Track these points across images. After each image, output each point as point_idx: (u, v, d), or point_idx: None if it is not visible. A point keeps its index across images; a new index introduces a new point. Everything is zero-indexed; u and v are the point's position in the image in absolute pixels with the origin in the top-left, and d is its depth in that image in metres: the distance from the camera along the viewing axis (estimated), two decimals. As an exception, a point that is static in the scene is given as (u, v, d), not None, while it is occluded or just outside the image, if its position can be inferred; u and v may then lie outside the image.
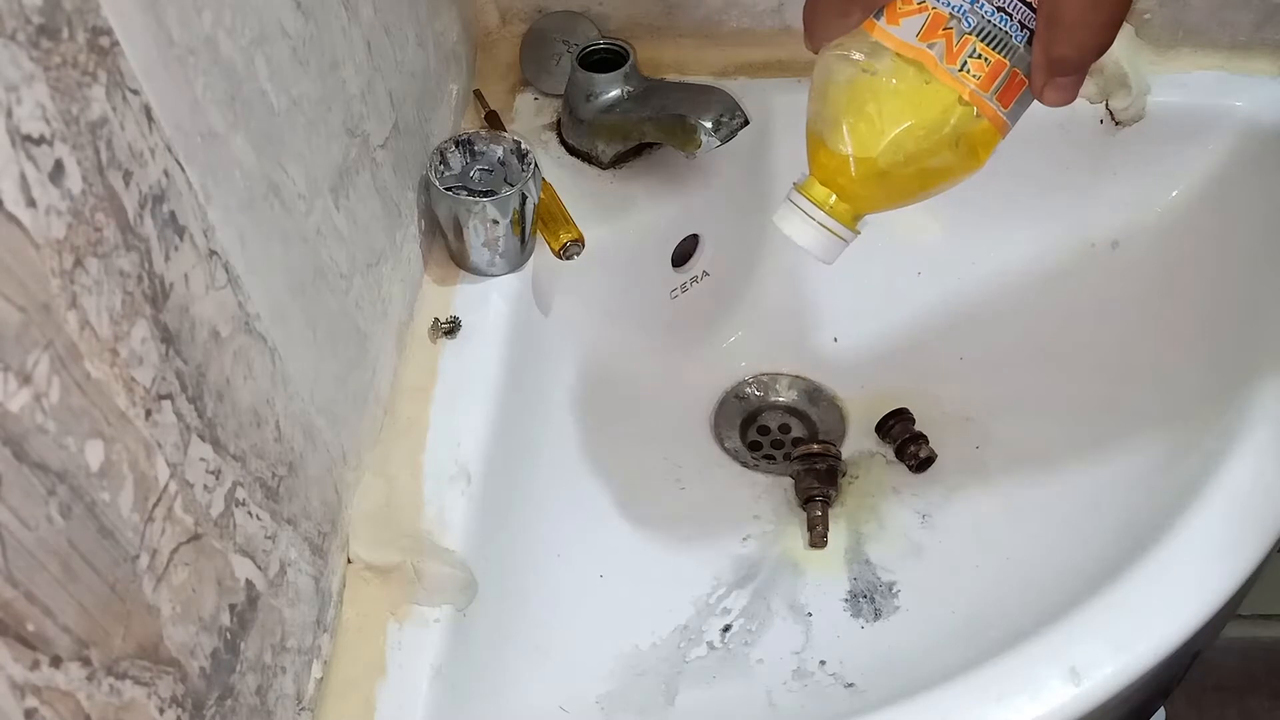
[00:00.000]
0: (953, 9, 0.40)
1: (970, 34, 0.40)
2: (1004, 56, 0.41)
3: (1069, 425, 0.68)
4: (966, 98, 0.41)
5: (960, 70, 0.41)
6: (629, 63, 0.68)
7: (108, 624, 0.31)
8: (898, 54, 0.41)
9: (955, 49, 0.41)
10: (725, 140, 0.62)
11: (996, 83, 0.41)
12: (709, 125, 0.61)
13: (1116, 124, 0.71)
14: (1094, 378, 0.70)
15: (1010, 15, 0.40)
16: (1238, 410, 0.55)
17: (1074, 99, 0.41)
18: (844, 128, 0.43)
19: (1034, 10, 0.40)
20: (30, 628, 0.27)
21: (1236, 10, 0.71)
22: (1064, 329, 0.72)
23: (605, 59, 0.69)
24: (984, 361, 0.73)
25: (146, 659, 0.33)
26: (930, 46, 0.41)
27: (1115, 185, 0.72)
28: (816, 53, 0.45)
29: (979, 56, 0.41)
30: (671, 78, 0.73)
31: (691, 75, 0.73)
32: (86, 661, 0.30)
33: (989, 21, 0.40)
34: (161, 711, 0.34)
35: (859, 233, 0.46)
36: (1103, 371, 0.70)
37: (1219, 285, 0.67)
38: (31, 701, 0.27)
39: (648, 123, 0.65)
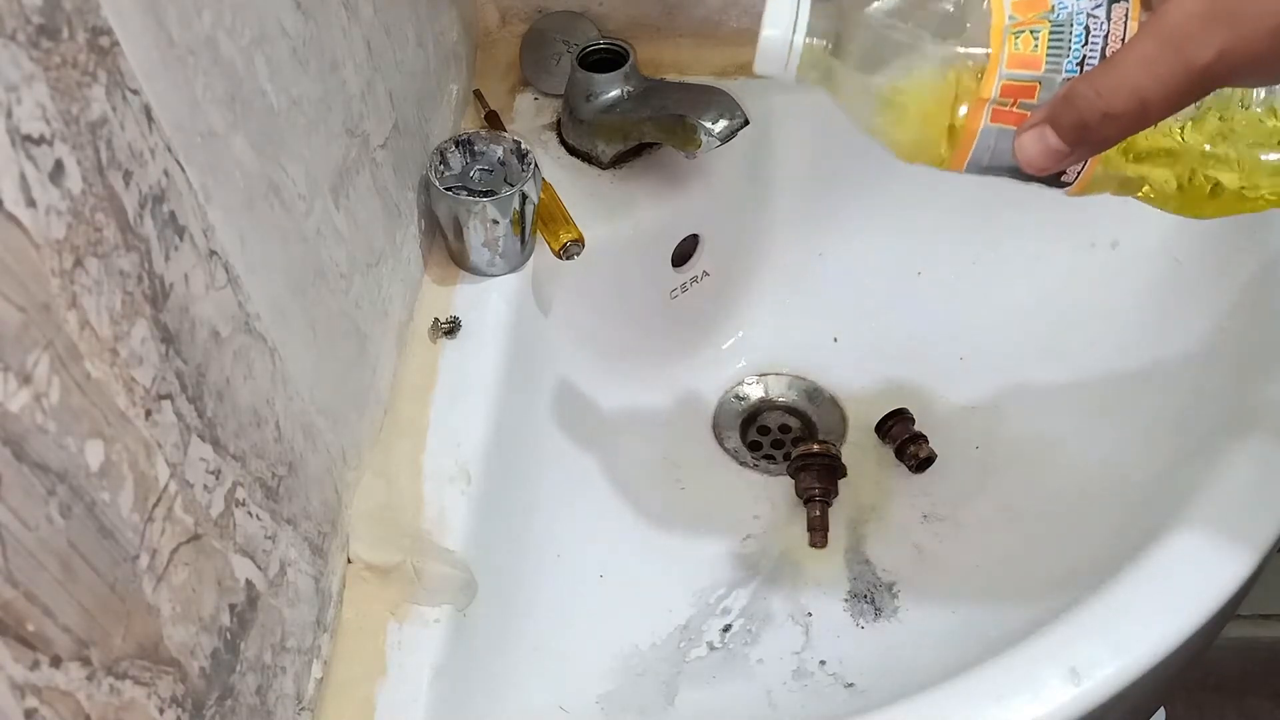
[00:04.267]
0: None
1: (1047, 18, 0.37)
2: (1048, 62, 0.37)
3: (1069, 425, 0.68)
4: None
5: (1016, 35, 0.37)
6: (629, 63, 0.68)
7: (108, 624, 0.31)
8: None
9: (1029, 13, 0.37)
10: (725, 140, 0.62)
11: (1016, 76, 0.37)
12: (709, 125, 0.61)
13: (1116, 124, 0.71)
14: (1094, 378, 0.70)
15: (1089, 39, 0.37)
16: (1238, 410, 0.55)
17: (1045, 165, 0.36)
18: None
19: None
20: (30, 628, 0.27)
21: (1236, 10, 0.71)
22: (1064, 329, 0.72)
23: (605, 59, 0.69)
24: (984, 361, 0.73)
25: (146, 659, 0.33)
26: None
27: (1115, 185, 0.72)
28: None
29: (1035, 32, 0.37)
30: (671, 78, 0.73)
31: (691, 75, 0.73)
32: (86, 661, 0.30)
33: (1071, 17, 0.37)
34: (161, 711, 0.34)
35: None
36: (1103, 371, 0.70)
37: (1219, 285, 0.67)
38: (31, 701, 0.27)
39: (648, 123, 0.65)
